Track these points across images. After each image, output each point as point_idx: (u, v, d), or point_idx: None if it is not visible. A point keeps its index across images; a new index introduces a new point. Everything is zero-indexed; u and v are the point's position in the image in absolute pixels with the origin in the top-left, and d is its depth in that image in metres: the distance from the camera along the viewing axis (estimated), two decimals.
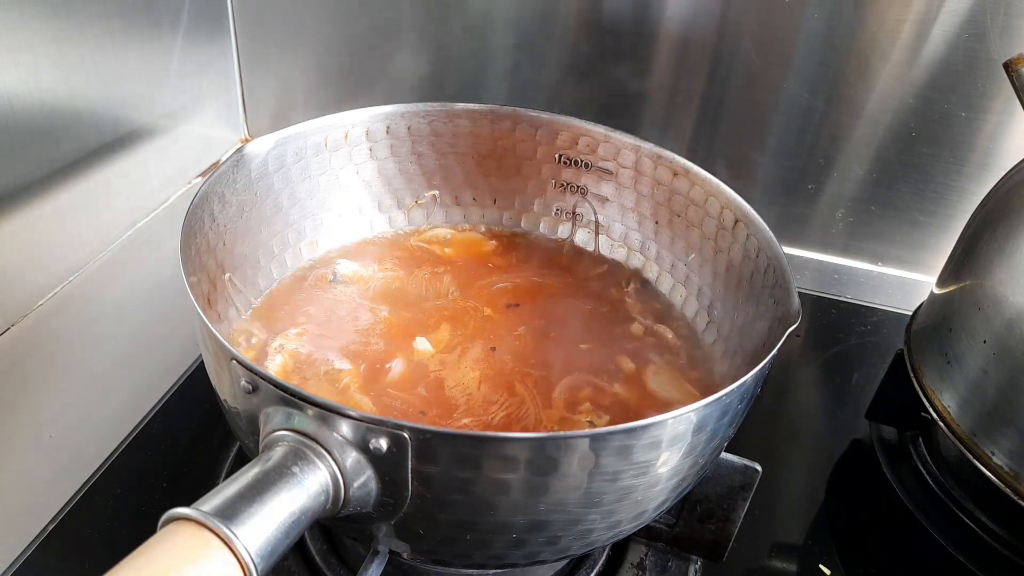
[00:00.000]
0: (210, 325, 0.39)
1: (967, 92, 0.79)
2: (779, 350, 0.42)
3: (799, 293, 0.48)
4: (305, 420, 0.36)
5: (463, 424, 0.50)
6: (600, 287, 0.65)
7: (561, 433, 0.42)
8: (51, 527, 0.54)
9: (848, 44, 0.81)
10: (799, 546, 0.60)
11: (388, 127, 0.65)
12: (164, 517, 0.32)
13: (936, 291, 0.63)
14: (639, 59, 0.87)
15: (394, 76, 0.95)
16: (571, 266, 0.67)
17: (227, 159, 0.55)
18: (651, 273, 0.66)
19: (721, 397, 0.38)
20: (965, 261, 0.59)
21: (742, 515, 0.51)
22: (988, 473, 0.54)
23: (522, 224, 0.70)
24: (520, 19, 0.88)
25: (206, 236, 0.53)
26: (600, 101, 0.91)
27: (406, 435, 0.35)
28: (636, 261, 0.67)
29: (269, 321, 0.58)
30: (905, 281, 0.91)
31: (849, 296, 0.88)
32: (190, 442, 0.62)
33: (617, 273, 0.66)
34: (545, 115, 0.66)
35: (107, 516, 0.56)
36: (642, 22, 0.85)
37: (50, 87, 0.70)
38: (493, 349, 0.57)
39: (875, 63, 0.81)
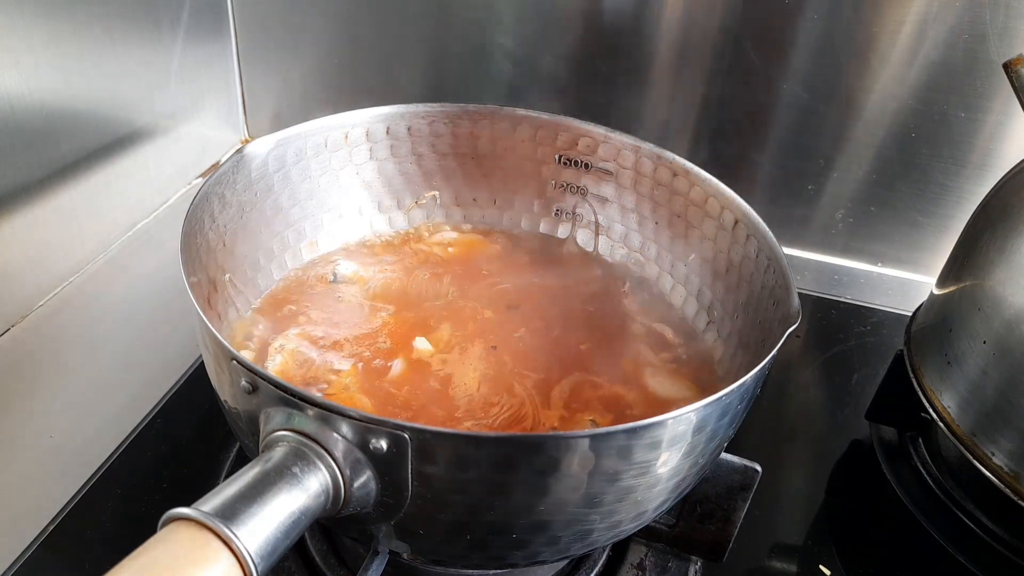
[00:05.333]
0: (210, 325, 0.39)
1: (966, 93, 0.80)
2: (779, 350, 0.42)
3: (799, 293, 0.48)
4: (305, 420, 0.36)
5: (463, 424, 0.50)
6: (600, 288, 0.65)
7: (561, 433, 0.42)
8: (51, 527, 0.54)
9: (848, 44, 0.81)
10: (799, 546, 0.60)
11: (388, 128, 0.65)
12: (164, 517, 0.32)
13: (936, 291, 0.63)
14: (639, 59, 0.87)
15: (394, 76, 0.95)
16: (571, 267, 0.67)
17: (227, 160, 0.55)
18: (651, 273, 0.66)
19: (721, 397, 0.38)
20: (965, 262, 0.59)
21: (742, 515, 0.51)
22: (988, 473, 0.54)
23: (522, 225, 0.70)
24: (520, 19, 0.88)
25: (206, 236, 0.53)
26: (600, 101, 0.91)
27: (406, 435, 0.35)
28: (636, 261, 0.67)
29: (269, 321, 0.58)
30: (905, 281, 0.91)
31: (849, 297, 0.88)
32: (190, 442, 0.62)
33: (617, 274, 0.66)
34: (545, 115, 0.66)
35: (107, 516, 0.56)
36: (642, 22, 0.85)
37: (50, 88, 0.70)
38: (494, 347, 0.57)
39: (874, 64, 0.81)
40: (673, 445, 0.39)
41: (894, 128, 0.84)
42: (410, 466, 0.36)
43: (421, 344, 0.56)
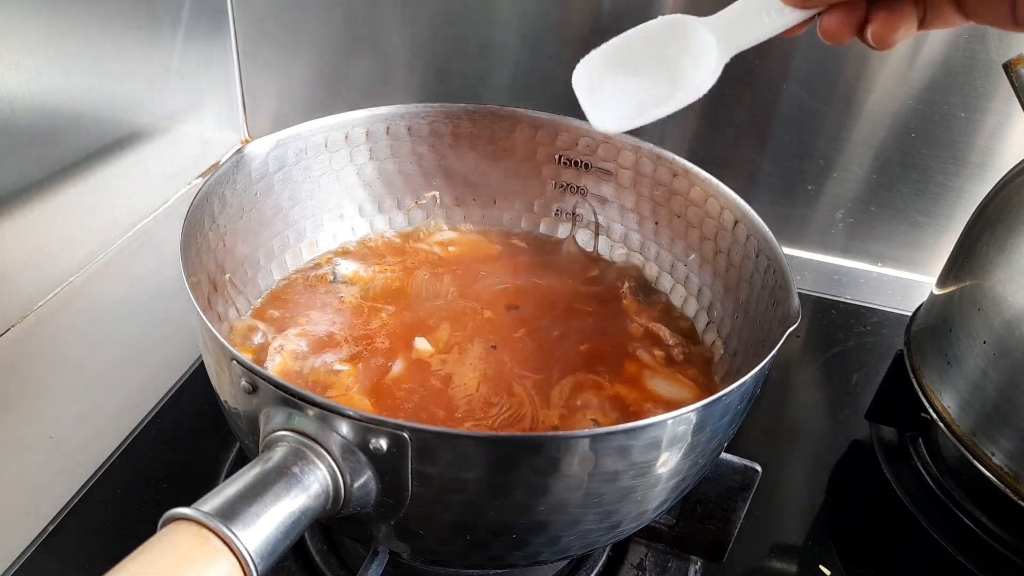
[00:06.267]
0: (210, 325, 0.39)
1: (966, 93, 0.80)
2: (779, 350, 0.42)
3: (799, 294, 0.48)
4: (305, 420, 0.36)
5: (463, 425, 0.50)
6: (600, 288, 0.65)
7: (561, 433, 0.42)
8: (51, 527, 0.54)
9: (847, 45, 0.80)
10: (799, 546, 0.60)
11: (388, 128, 0.65)
12: (164, 517, 0.32)
13: (936, 292, 0.63)
14: None
15: (394, 76, 0.95)
16: (571, 267, 0.67)
17: (227, 160, 0.55)
18: (651, 273, 0.66)
19: (721, 397, 0.38)
20: (964, 262, 0.59)
21: (742, 515, 0.51)
22: (988, 473, 0.54)
23: (522, 225, 0.70)
24: (521, 20, 0.88)
25: (206, 236, 0.53)
26: None
27: (406, 435, 0.35)
28: (636, 261, 0.67)
29: (269, 321, 0.58)
30: (905, 282, 0.91)
31: (849, 297, 0.88)
32: (190, 442, 0.62)
33: (617, 274, 0.66)
34: (545, 115, 0.66)
35: (107, 516, 0.56)
36: (642, 22, 0.84)
37: (50, 88, 0.70)
38: (493, 347, 0.57)
39: (874, 64, 0.81)
40: (673, 445, 0.39)
41: (894, 128, 0.84)
42: (410, 466, 0.36)
43: (421, 344, 0.56)
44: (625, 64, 0.45)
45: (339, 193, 0.65)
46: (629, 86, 0.45)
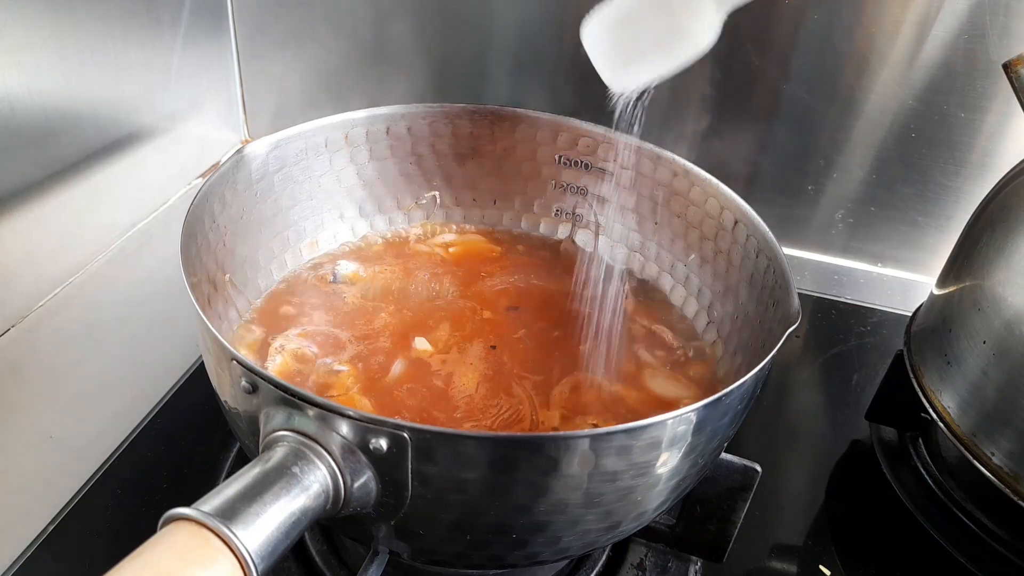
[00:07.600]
0: (210, 325, 0.39)
1: (966, 93, 0.80)
2: (779, 350, 0.42)
3: (799, 294, 0.48)
4: (305, 420, 0.36)
5: (463, 424, 0.50)
6: (599, 288, 0.65)
7: (561, 433, 0.42)
8: (51, 527, 0.54)
9: (847, 45, 0.81)
10: (799, 547, 0.60)
11: (388, 128, 0.65)
12: (164, 517, 0.32)
13: (936, 292, 0.63)
14: None
15: (394, 76, 0.95)
16: (570, 267, 0.67)
17: (227, 160, 0.55)
18: (651, 273, 0.66)
19: (721, 397, 0.38)
20: (964, 262, 0.59)
21: (742, 516, 0.51)
22: (988, 474, 0.54)
23: (522, 225, 0.70)
24: (521, 20, 0.88)
25: (206, 237, 0.53)
26: (600, 101, 0.90)
27: (406, 435, 0.35)
28: (636, 261, 0.67)
29: (269, 321, 0.58)
30: (905, 282, 0.91)
31: (849, 297, 0.88)
32: (190, 442, 0.62)
33: (616, 274, 0.66)
34: (545, 115, 0.66)
35: (107, 516, 0.56)
36: None
37: (50, 88, 0.70)
38: (493, 347, 0.57)
39: (874, 64, 0.81)
40: (673, 445, 0.39)
41: (894, 128, 0.84)
42: (410, 466, 0.36)
43: (421, 344, 0.56)
44: (630, 18, 0.45)
45: (339, 193, 0.65)
46: (636, 43, 0.45)
